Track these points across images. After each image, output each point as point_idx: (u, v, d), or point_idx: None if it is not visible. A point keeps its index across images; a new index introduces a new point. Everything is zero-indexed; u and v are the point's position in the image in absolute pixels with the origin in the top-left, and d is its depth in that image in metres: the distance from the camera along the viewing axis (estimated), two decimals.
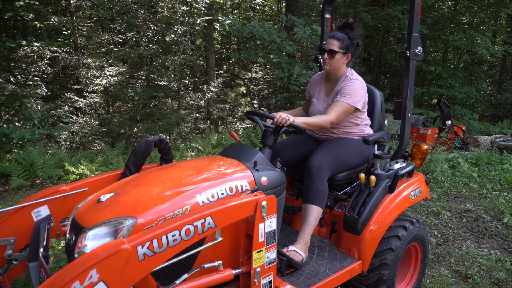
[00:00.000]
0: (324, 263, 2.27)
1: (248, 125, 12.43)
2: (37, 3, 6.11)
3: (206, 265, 1.71)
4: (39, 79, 7.27)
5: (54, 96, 8.16)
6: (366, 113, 2.66)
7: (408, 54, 2.46)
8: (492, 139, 8.05)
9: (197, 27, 9.79)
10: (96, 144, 8.04)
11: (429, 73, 12.14)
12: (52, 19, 7.22)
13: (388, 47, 14.05)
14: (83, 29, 8.04)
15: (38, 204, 2.03)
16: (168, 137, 9.43)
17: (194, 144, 7.42)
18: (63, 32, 7.63)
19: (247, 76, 15.77)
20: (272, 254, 1.85)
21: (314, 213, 2.30)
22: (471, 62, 12.00)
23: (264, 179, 2.01)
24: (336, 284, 2.21)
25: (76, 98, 7.79)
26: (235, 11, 14.58)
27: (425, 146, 2.73)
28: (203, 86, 11.35)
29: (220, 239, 1.77)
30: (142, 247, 1.42)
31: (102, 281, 1.33)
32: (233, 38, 15.93)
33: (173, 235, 1.49)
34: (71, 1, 7.53)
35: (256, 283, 1.78)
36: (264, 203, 1.73)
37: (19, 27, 8.10)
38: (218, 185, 1.84)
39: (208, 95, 10.69)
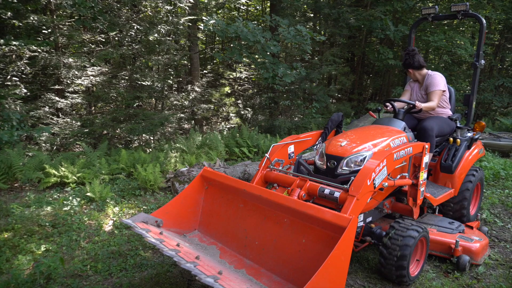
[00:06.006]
0: (434, 190, 3.69)
1: (232, 125, 12.41)
2: (15, 0, 5.94)
3: (404, 174, 3.19)
4: (18, 79, 7.08)
5: (33, 97, 7.96)
6: (448, 100, 4.09)
7: (477, 64, 4.13)
8: None
9: (181, 27, 9.71)
10: (78, 146, 7.89)
11: None
12: (32, 18, 7.04)
13: (371, 47, 14.23)
14: (64, 28, 7.87)
15: (289, 143, 3.55)
16: (151, 138, 9.33)
17: (179, 144, 7.35)
18: (43, 31, 7.45)
19: (231, 76, 15.74)
20: (425, 175, 3.32)
21: (429, 155, 3.69)
22: (451, 62, 12.27)
23: (410, 137, 3.50)
24: (447, 198, 3.74)
25: (57, 98, 7.62)
26: (220, 11, 14.52)
27: (483, 123, 4.23)
28: (187, 86, 11.26)
29: (405, 163, 3.26)
30: (395, 154, 2.93)
31: (386, 166, 2.84)
32: (217, 38, 15.87)
33: (400, 152, 3.00)
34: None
35: (421, 190, 3.25)
36: (427, 145, 3.30)
37: None
38: (395, 138, 3.29)
39: (192, 95, 10.62)
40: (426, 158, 3.30)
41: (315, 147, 3.92)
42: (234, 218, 2.95)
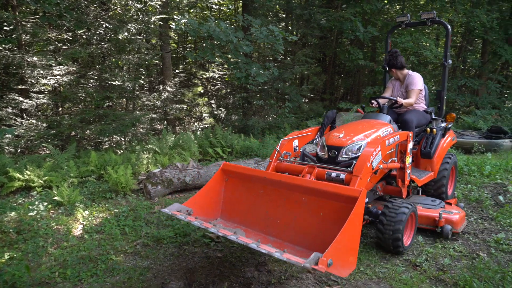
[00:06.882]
0: (417, 174, 4.16)
1: (206, 126, 12.32)
2: None
3: (393, 159, 3.70)
4: None
5: None
6: (423, 97, 4.60)
7: (446, 64, 4.64)
8: None
9: (152, 26, 9.54)
10: (44, 148, 7.59)
11: (379, 73, 12.72)
12: None
13: (342, 48, 14.52)
14: (28, 25, 7.53)
15: (294, 138, 3.95)
16: (123, 139, 9.11)
17: (151, 145, 7.22)
18: (5, 28, 7.10)
19: (204, 76, 15.62)
20: (410, 159, 3.82)
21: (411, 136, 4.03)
22: (417, 63, 12.75)
23: (395, 128, 4.01)
24: (429, 180, 4.27)
25: (21, 99, 7.29)
26: (191, 10, 14.37)
27: (454, 114, 4.87)
28: (159, 86, 11.07)
29: (393, 149, 3.79)
30: (386, 141, 3.40)
31: (380, 152, 3.28)
32: (189, 38, 15.70)
33: (390, 140, 3.47)
34: None
35: (407, 172, 3.76)
36: (411, 134, 3.82)
37: None
38: (384, 130, 3.79)
39: (165, 95, 10.46)
40: (411, 145, 3.83)
41: (314, 141, 4.35)
42: (255, 203, 3.35)
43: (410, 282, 3.05)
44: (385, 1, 12.80)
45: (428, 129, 4.47)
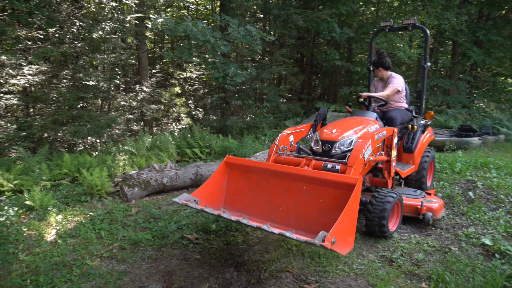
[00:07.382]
0: (400, 167, 4.51)
1: (183, 126, 12.20)
2: None
3: (381, 152, 4.03)
4: None
5: None
6: (405, 97, 4.91)
7: (425, 66, 5.02)
8: None
9: (128, 25, 9.35)
10: (14, 151, 7.31)
11: (355, 73, 12.97)
12: None
13: (319, 48, 14.70)
14: None
15: (290, 133, 4.21)
16: (98, 141, 8.89)
17: (127, 147, 7.07)
18: None
19: (181, 76, 15.46)
20: (395, 152, 4.19)
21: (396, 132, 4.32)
22: (392, 64, 13.06)
23: (382, 125, 4.38)
24: (411, 172, 4.69)
25: None
26: (168, 9, 14.20)
27: (432, 112, 5.13)
28: (136, 86, 10.88)
29: (381, 144, 4.06)
30: (376, 136, 3.76)
31: (370, 145, 3.62)
32: (166, 37, 15.50)
33: (379, 135, 3.85)
34: None
35: (393, 165, 4.15)
36: (396, 130, 4.17)
37: None
38: (371, 126, 4.13)
39: (141, 96, 10.28)
40: (396, 140, 4.19)
41: (308, 136, 4.63)
42: (258, 192, 3.58)
43: (386, 278, 3.13)
44: (360, 3, 13.06)
45: (410, 125, 4.82)
